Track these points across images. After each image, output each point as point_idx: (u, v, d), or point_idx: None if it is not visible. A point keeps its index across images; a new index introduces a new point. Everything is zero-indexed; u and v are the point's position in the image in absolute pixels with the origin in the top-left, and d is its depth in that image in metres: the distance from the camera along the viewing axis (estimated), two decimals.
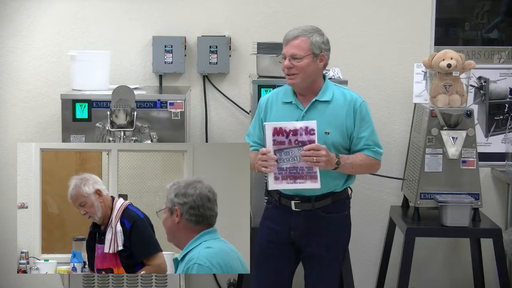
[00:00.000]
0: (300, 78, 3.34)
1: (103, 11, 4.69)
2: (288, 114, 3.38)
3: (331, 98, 3.38)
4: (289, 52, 3.33)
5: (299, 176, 3.27)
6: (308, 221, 3.40)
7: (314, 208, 3.38)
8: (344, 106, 3.38)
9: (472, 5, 4.78)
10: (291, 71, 3.33)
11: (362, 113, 3.41)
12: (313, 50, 3.33)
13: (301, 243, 3.44)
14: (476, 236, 4.42)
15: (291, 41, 3.33)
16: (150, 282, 4.04)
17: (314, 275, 3.47)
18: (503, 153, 4.78)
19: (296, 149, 3.25)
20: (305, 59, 3.32)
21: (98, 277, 4.01)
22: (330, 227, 3.42)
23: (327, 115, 3.35)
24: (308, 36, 3.33)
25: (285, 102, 3.43)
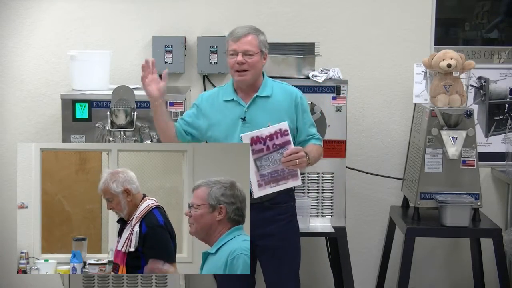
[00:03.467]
0: (250, 75, 3.47)
1: (103, 11, 4.69)
2: (230, 111, 3.51)
3: (271, 93, 3.53)
4: (242, 48, 3.44)
5: (281, 178, 3.40)
6: (257, 214, 3.45)
7: (262, 201, 3.47)
8: (285, 100, 3.53)
9: (472, 5, 4.78)
10: (242, 67, 3.45)
11: (303, 105, 3.57)
12: (261, 48, 3.49)
13: (254, 236, 3.47)
14: (476, 236, 4.42)
15: (242, 38, 3.46)
16: (150, 282, 4.04)
17: (271, 268, 3.55)
18: (503, 153, 4.78)
19: (275, 153, 3.38)
20: (255, 56, 3.46)
21: (98, 277, 4.01)
22: (278, 218, 3.53)
23: (268, 109, 3.49)
24: (257, 35, 3.50)
25: (226, 100, 3.54)
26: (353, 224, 4.76)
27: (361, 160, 4.80)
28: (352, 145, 4.71)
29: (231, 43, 3.48)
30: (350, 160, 4.60)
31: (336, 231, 4.17)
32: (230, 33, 3.52)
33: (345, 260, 4.23)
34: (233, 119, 3.49)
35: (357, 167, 4.76)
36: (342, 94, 4.17)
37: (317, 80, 4.15)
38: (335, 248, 4.38)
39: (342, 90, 4.17)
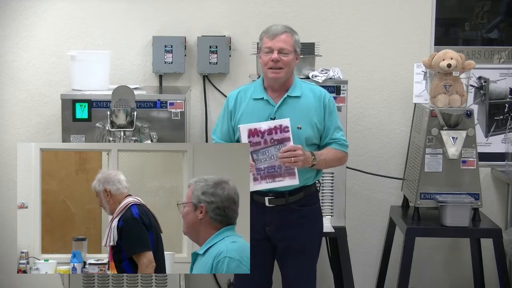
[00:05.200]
0: (284, 73, 3.41)
1: (103, 11, 4.69)
2: (259, 110, 3.45)
3: (301, 94, 3.47)
4: (278, 46, 3.40)
5: (277, 174, 3.35)
6: (282, 216, 3.45)
7: (288, 202, 3.45)
8: (314, 101, 3.47)
9: (472, 5, 4.78)
10: (277, 65, 3.40)
11: (330, 107, 3.50)
12: (295, 47, 3.44)
13: (276, 238, 3.49)
14: (476, 236, 4.41)
15: (278, 35, 3.41)
16: (150, 282, 4.04)
17: (292, 270, 3.53)
18: (503, 153, 4.78)
19: (272, 148, 3.32)
20: (290, 55, 3.41)
21: (98, 277, 4.01)
22: (303, 220, 3.50)
23: (298, 110, 3.43)
24: (292, 34, 3.45)
25: (255, 98, 3.49)
26: (353, 224, 4.76)
27: (361, 160, 4.80)
28: (352, 145, 4.70)
29: (266, 40, 3.42)
30: (350, 160, 4.59)
31: (336, 231, 4.17)
32: (265, 30, 3.47)
33: (345, 260, 4.23)
34: (261, 117, 3.41)
35: (357, 167, 4.77)
36: (342, 94, 4.17)
37: (317, 80, 4.14)
38: (335, 248, 4.37)
39: (342, 90, 4.17)
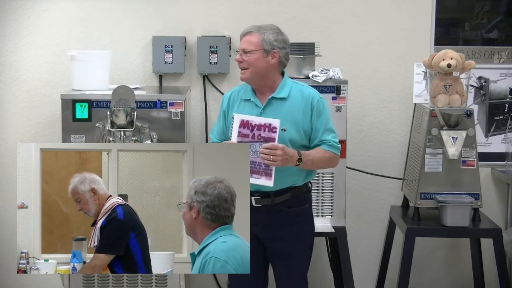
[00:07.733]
0: (250, 73, 3.43)
1: (103, 11, 4.69)
2: (248, 111, 3.46)
3: (288, 95, 3.46)
4: (241, 46, 3.46)
5: (256, 171, 3.35)
6: (269, 216, 3.46)
7: (274, 203, 3.45)
8: (301, 103, 3.45)
9: (472, 5, 4.78)
10: (241, 65, 3.44)
11: (319, 109, 3.46)
12: (264, 46, 3.42)
13: (265, 238, 3.49)
14: (476, 236, 4.41)
15: (243, 36, 3.46)
16: (150, 282, 4.04)
17: (283, 271, 3.53)
18: (503, 153, 4.78)
19: (258, 144, 3.33)
20: (254, 54, 3.41)
21: (98, 277, 4.01)
22: (291, 221, 3.49)
23: (283, 112, 3.43)
24: (261, 33, 3.44)
25: (244, 99, 3.51)
26: (353, 224, 4.77)
27: (361, 160, 4.80)
28: (352, 145, 4.72)
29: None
30: (350, 160, 4.60)
31: (336, 231, 4.17)
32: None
33: (345, 260, 4.23)
34: None
35: (357, 167, 4.77)
36: (342, 94, 4.17)
37: (317, 80, 4.14)
38: (335, 248, 4.38)
39: (342, 90, 4.17)
